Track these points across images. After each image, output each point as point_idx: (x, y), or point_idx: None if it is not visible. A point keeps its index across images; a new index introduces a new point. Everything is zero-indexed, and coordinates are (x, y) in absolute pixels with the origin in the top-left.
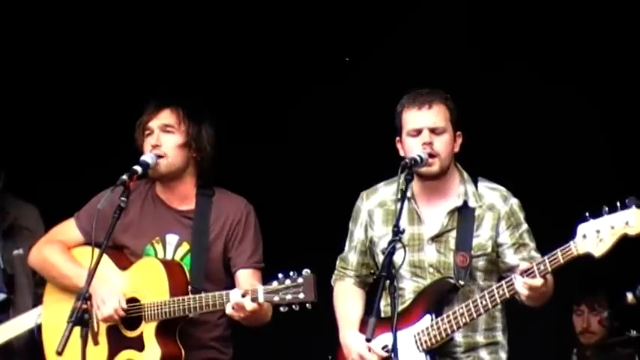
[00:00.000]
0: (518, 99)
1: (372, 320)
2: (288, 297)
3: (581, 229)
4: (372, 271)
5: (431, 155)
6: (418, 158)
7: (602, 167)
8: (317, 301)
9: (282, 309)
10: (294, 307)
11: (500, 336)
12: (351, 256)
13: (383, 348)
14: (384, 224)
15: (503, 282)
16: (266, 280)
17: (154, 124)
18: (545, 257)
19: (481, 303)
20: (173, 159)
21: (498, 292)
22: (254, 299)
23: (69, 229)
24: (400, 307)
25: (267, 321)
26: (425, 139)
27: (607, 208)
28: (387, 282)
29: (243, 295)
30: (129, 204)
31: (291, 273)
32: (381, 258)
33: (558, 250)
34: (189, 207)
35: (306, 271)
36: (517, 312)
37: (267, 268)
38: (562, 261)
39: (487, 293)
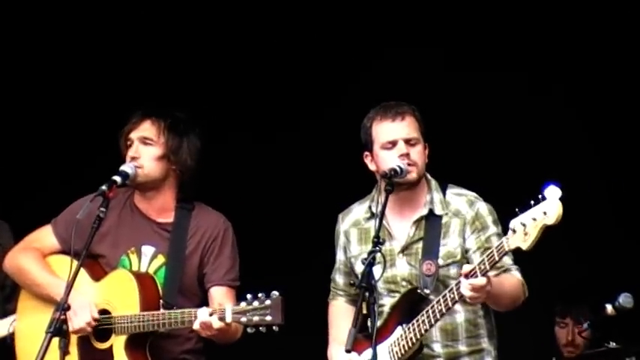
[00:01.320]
0: (501, 105)
1: (351, 330)
2: (256, 318)
3: (511, 224)
4: (351, 281)
5: (408, 165)
6: (398, 169)
7: (584, 171)
8: (284, 324)
9: (249, 330)
10: (261, 328)
11: (485, 342)
12: (337, 277)
13: None
14: (359, 243)
15: (452, 285)
16: (237, 297)
17: (134, 135)
18: (484, 256)
19: (437, 308)
20: (150, 170)
21: (450, 296)
22: (222, 318)
23: (45, 236)
24: (379, 323)
25: (236, 339)
26: (402, 151)
27: (532, 202)
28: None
29: (211, 314)
30: (107, 212)
31: (260, 294)
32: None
33: (494, 247)
34: (167, 219)
35: (274, 294)
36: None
37: (243, 286)
38: (497, 258)
39: (441, 298)
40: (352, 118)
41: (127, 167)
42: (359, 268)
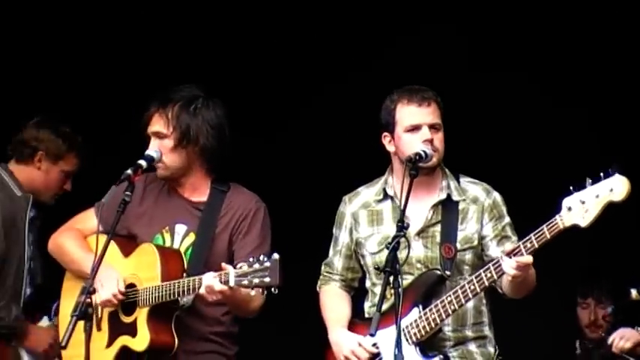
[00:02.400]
0: (504, 100)
1: (376, 315)
2: (256, 280)
3: (566, 202)
4: (376, 266)
5: (432, 150)
6: (423, 153)
7: (588, 165)
8: (281, 285)
9: (252, 293)
10: (261, 291)
11: (487, 330)
12: (336, 260)
13: (373, 345)
14: (369, 225)
15: (490, 264)
16: None
17: (149, 131)
18: (532, 234)
19: (469, 288)
20: (170, 162)
21: (486, 275)
22: (226, 282)
23: (87, 218)
24: (387, 304)
25: (253, 309)
26: (426, 136)
27: (590, 180)
28: (392, 277)
29: (215, 277)
30: (146, 194)
31: (261, 257)
32: (368, 260)
33: (544, 225)
34: (201, 198)
35: (274, 255)
36: (521, 305)
37: None
38: (548, 236)
39: (475, 277)
40: (360, 106)
41: (151, 151)
42: (370, 248)
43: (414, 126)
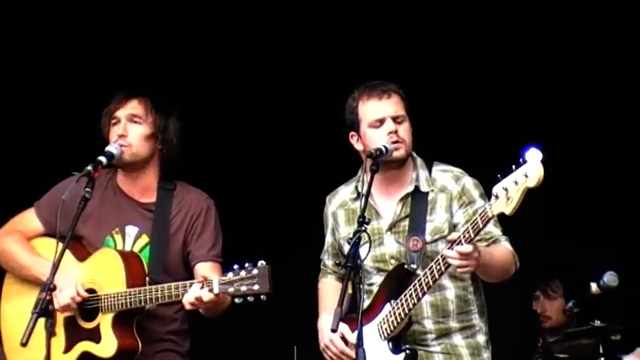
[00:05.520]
0: (487, 81)
1: (337, 310)
2: (243, 288)
3: (495, 189)
4: (337, 261)
5: (397, 142)
6: (383, 148)
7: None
8: (271, 293)
9: (237, 300)
10: (248, 298)
11: (476, 319)
12: (326, 259)
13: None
14: (347, 224)
15: (439, 257)
16: (223, 271)
17: (121, 113)
18: (468, 224)
19: (424, 281)
20: (138, 149)
21: (436, 268)
22: (210, 290)
23: (29, 219)
24: (368, 302)
25: (222, 310)
26: (390, 128)
27: (514, 166)
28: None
29: (201, 288)
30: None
31: (247, 264)
32: None
33: (477, 215)
34: (150, 199)
35: (261, 263)
36: (490, 298)
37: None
38: (480, 225)
39: (428, 270)
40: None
41: (112, 148)
42: (347, 248)
43: (377, 120)
